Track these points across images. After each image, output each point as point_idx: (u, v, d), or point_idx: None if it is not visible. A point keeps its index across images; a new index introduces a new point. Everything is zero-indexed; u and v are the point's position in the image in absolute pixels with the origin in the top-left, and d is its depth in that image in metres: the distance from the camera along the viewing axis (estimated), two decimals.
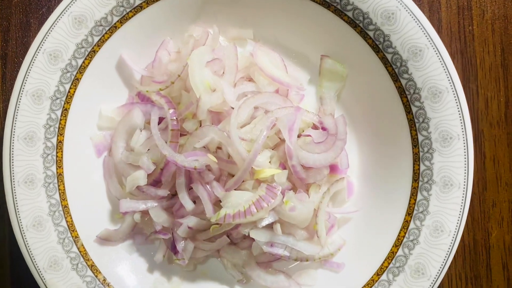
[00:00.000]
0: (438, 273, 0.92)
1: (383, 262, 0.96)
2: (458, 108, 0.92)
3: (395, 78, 0.95)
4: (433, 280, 0.92)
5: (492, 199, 1.04)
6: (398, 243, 0.95)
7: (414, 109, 0.94)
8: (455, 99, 0.92)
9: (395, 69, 0.95)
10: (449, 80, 0.92)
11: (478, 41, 1.07)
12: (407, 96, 0.95)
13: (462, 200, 0.92)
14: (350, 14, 0.96)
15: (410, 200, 0.95)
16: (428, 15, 1.07)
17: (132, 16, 0.98)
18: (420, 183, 0.95)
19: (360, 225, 1.01)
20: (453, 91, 0.92)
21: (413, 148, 0.95)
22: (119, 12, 0.97)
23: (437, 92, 0.93)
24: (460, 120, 0.92)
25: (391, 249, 0.95)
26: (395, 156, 0.98)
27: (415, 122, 0.95)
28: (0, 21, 1.08)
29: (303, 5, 0.99)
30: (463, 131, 0.92)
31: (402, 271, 0.94)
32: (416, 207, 0.94)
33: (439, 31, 1.06)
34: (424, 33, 0.93)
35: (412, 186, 0.95)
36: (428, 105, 0.93)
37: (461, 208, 0.92)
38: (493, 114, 1.05)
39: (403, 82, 0.95)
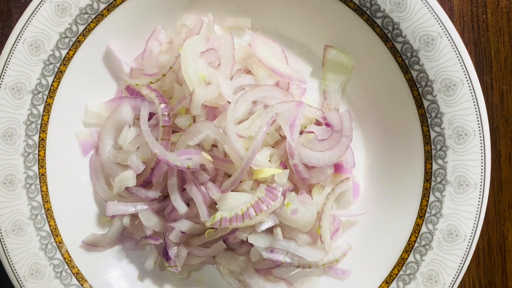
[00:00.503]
0: (453, 281, 0.86)
1: (393, 269, 0.90)
2: (474, 102, 0.86)
3: (405, 69, 0.90)
4: None
5: (508, 200, 0.99)
6: (408, 249, 0.89)
7: (426, 103, 0.88)
8: (471, 92, 0.86)
9: (405, 60, 0.89)
10: (464, 71, 0.86)
11: (493, 31, 1.02)
12: (418, 89, 0.89)
13: (479, 201, 0.86)
14: (356, 0, 0.89)
15: (421, 202, 0.89)
16: (439, 2, 1.01)
17: (120, 3, 0.92)
18: (433, 183, 0.89)
19: (367, 228, 0.96)
20: (468, 83, 0.86)
21: (424, 146, 0.90)
22: None
23: (451, 85, 0.87)
24: (476, 115, 0.86)
25: (401, 255, 0.90)
26: (405, 154, 0.93)
27: (427, 117, 0.89)
28: None
29: None
30: (479, 127, 0.86)
31: (414, 278, 0.88)
32: (428, 210, 0.89)
33: (451, 19, 1.00)
34: (437, 21, 0.87)
35: (423, 186, 0.90)
36: (441, 98, 0.87)
37: (477, 211, 0.86)
38: (509, 109, 1.00)
39: (414, 74, 0.89)
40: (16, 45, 0.88)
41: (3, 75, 0.88)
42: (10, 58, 0.88)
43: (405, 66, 0.89)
